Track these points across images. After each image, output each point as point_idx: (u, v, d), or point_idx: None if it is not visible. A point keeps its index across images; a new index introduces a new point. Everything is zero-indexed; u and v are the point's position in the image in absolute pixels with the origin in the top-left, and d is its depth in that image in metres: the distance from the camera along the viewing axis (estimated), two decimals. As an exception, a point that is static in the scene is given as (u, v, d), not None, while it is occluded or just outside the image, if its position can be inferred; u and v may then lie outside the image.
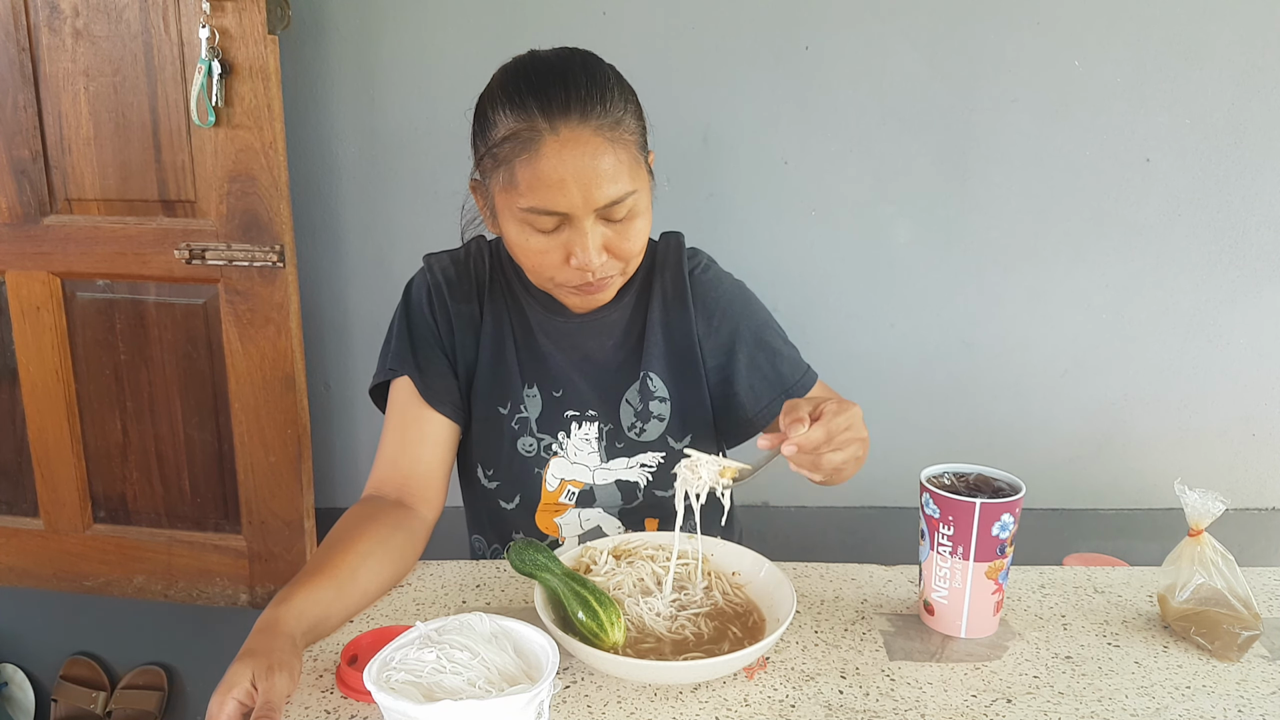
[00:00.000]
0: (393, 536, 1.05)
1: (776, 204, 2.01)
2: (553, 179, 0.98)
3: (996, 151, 1.97)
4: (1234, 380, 2.08)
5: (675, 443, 1.19)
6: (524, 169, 0.99)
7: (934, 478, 0.99)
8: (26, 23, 1.82)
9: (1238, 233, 1.99)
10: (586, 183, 0.98)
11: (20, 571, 2.15)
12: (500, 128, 1.01)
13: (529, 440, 1.17)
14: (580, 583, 0.92)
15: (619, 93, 1.03)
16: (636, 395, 1.17)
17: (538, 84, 1.00)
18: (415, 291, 1.20)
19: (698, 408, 1.19)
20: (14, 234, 1.93)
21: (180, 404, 2.00)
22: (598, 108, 0.99)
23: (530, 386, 1.18)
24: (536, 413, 1.18)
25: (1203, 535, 0.97)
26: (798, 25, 1.92)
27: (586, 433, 1.18)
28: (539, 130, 0.98)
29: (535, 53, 1.07)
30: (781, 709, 0.85)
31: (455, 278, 1.19)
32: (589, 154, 0.98)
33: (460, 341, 1.17)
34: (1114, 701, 0.87)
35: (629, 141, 1.02)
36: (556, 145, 0.98)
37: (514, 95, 1.00)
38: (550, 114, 0.98)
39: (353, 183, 2.06)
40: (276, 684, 0.78)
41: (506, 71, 1.05)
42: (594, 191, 0.99)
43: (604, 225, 1.02)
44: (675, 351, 1.18)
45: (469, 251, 1.23)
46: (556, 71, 1.01)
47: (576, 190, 0.98)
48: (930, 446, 2.07)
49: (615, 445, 1.18)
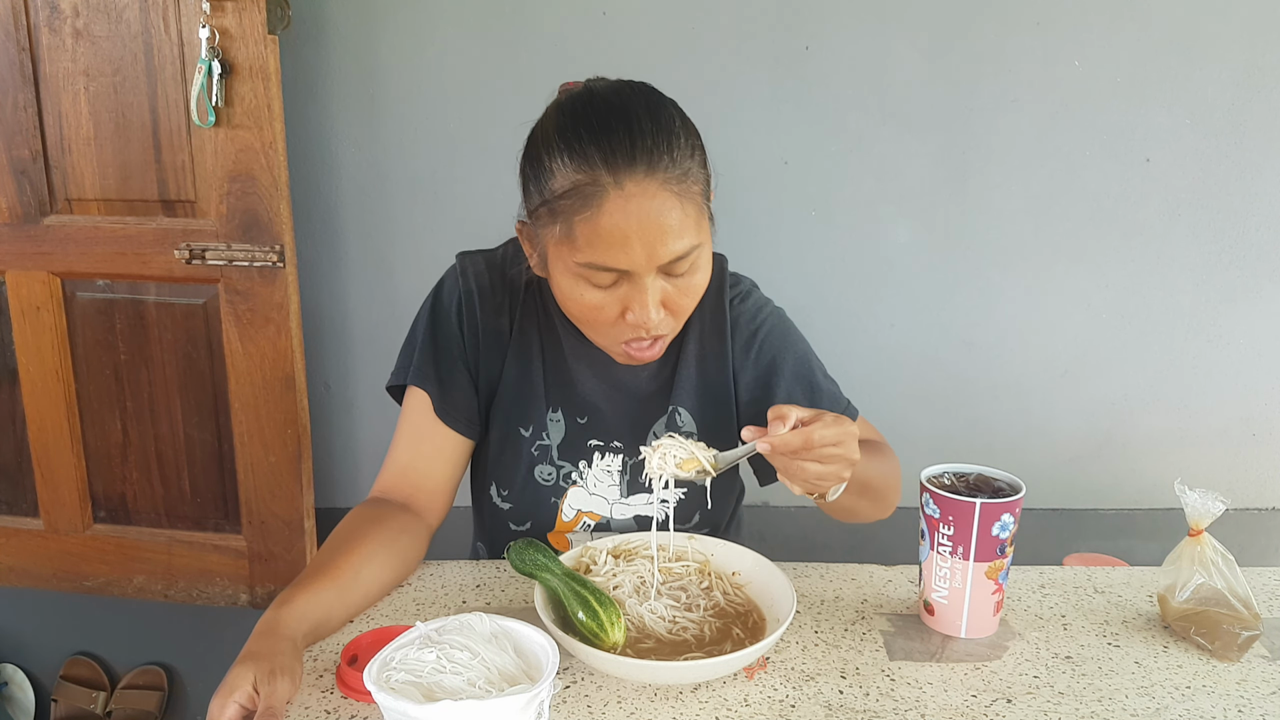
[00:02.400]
0: (398, 540, 1.04)
1: (776, 204, 2.01)
2: (615, 236, 0.91)
3: (996, 151, 1.97)
4: (1234, 380, 2.08)
5: None
6: (584, 225, 0.92)
7: (934, 478, 0.99)
8: (26, 23, 1.82)
9: (1238, 233, 1.99)
10: (651, 239, 0.92)
11: (20, 571, 2.15)
12: (558, 178, 0.93)
13: (548, 469, 1.13)
14: (580, 583, 0.92)
15: (685, 138, 0.95)
16: (663, 429, 1.13)
17: (600, 130, 0.92)
18: (446, 297, 1.14)
19: (726, 445, 1.13)
20: (14, 234, 1.93)
21: (180, 404, 2.00)
22: (665, 158, 0.92)
23: (555, 410, 1.13)
24: (559, 438, 1.13)
25: (1203, 535, 0.97)
26: (798, 25, 1.92)
27: (609, 464, 1.14)
28: (602, 184, 0.91)
29: (593, 89, 0.98)
30: (781, 709, 0.85)
31: (489, 286, 1.12)
32: (655, 209, 0.91)
33: (485, 357, 1.12)
34: (1114, 701, 0.87)
35: (695, 193, 0.95)
36: (621, 200, 0.90)
37: (573, 142, 0.92)
38: (614, 165, 0.90)
39: (353, 183, 2.06)
40: (279, 688, 0.78)
41: (564, 112, 0.96)
42: (658, 248, 0.92)
43: (664, 280, 0.96)
44: (708, 386, 1.13)
45: (505, 256, 1.15)
46: (619, 115, 0.93)
47: (640, 248, 0.92)
48: (930, 446, 2.07)
49: (637, 480, 1.13)
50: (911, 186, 2.00)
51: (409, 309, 2.27)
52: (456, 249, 1.19)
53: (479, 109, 1.99)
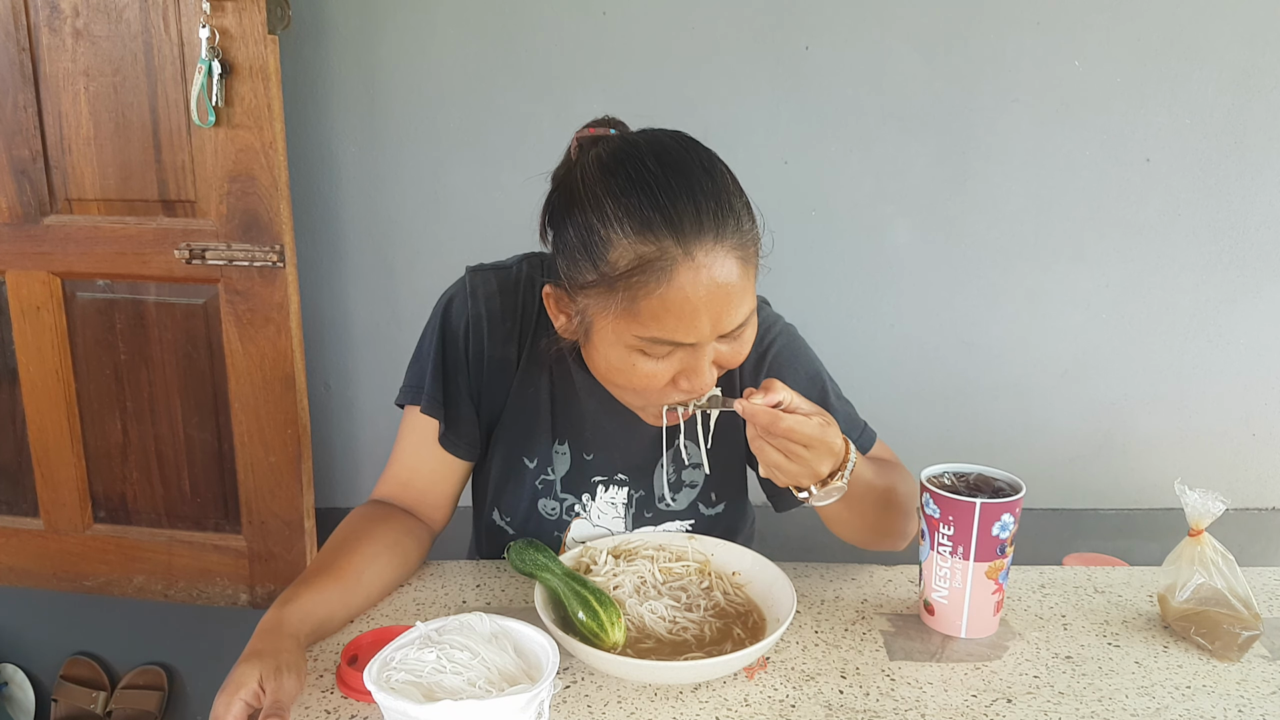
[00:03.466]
0: (401, 542, 1.04)
1: (776, 204, 2.00)
2: (685, 310, 0.85)
3: (996, 151, 1.97)
4: (1234, 380, 2.08)
5: (706, 509, 1.12)
6: (650, 300, 0.85)
7: (934, 478, 0.99)
8: (26, 23, 1.82)
9: (1238, 233, 1.99)
10: (718, 310, 0.86)
11: (20, 571, 2.15)
12: (617, 249, 0.85)
13: (552, 503, 1.11)
14: (580, 583, 0.92)
15: (740, 194, 0.90)
16: (671, 464, 1.10)
17: (661, 194, 0.85)
18: (454, 319, 1.07)
19: (735, 476, 1.13)
20: (14, 234, 1.93)
21: (180, 404, 2.00)
22: (730, 219, 0.86)
23: (561, 444, 1.10)
24: (563, 471, 1.10)
25: (1203, 535, 0.97)
26: (798, 25, 1.92)
27: (613, 496, 1.11)
28: (671, 256, 0.84)
29: (633, 143, 0.90)
30: (781, 709, 0.85)
31: (499, 312, 1.06)
32: (723, 278, 0.85)
33: (489, 384, 1.08)
34: (1114, 701, 0.87)
35: (755, 255, 0.90)
36: (691, 272, 0.84)
37: (633, 208, 0.85)
38: (682, 234, 0.84)
39: (353, 183, 2.06)
40: (285, 685, 0.78)
41: (610, 172, 0.88)
42: (724, 319, 0.87)
43: (719, 342, 0.91)
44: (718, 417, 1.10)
45: (519, 277, 1.08)
46: (678, 176, 0.86)
47: (707, 320, 0.86)
48: (930, 446, 2.07)
49: (644, 515, 1.12)
50: (911, 186, 2.00)
51: (409, 309, 2.27)
52: (456, 248, 1.16)
53: (479, 109, 1.99)
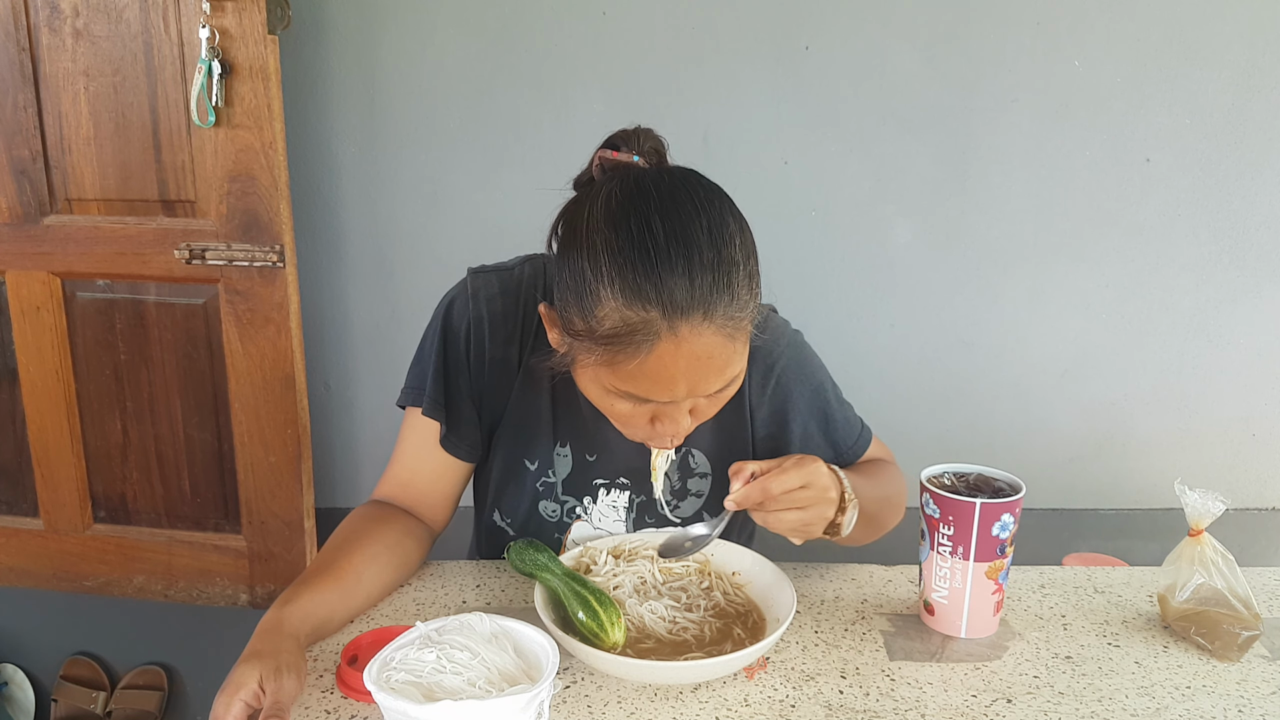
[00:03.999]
0: (401, 543, 1.04)
1: (776, 204, 2.01)
2: (661, 377, 0.86)
3: (996, 151, 1.97)
4: (1234, 380, 2.08)
5: (710, 519, 1.11)
6: (628, 363, 0.85)
7: (934, 478, 0.99)
8: (26, 23, 1.82)
9: (1238, 233, 1.99)
10: (695, 379, 0.87)
11: (20, 571, 2.15)
12: (605, 308, 0.84)
13: (553, 505, 1.11)
14: (580, 583, 0.92)
15: (744, 265, 0.87)
16: (676, 471, 1.10)
17: (658, 266, 0.82)
18: (455, 320, 1.07)
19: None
20: (14, 234, 1.93)
21: (180, 404, 2.00)
22: (724, 298, 0.84)
23: (563, 446, 1.10)
24: (565, 473, 1.10)
25: (1203, 535, 0.97)
26: (798, 25, 1.92)
27: (614, 500, 1.11)
28: (654, 329, 0.83)
29: (645, 192, 0.87)
30: (781, 709, 0.85)
31: (500, 314, 1.06)
32: (705, 352, 0.85)
33: (490, 388, 1.08)
34: (1114, 701, 0.87)
35: (747, 329, 0.89)
36: (673, 345, 0.84)
37: (627, 274, 0.83)
38: (670, 311, 0.82)
39: (353, 183, 2.06)
40: (285, 685, 0.78)
41: (615, 226, 0.85)
42: (701, 386, 0.88)
43: (699, 397, 0.91)
44: (724, 427, 1.09)
45: (520, 279, 1.08)
46: (680, 246, 0.83)
47: (684, 386, 0.87)
48: (930, 446, 2.07)
49: (645, 519, 1.12)
50: (911, 186, 2.00)
51: (409, 309, 2.27)
52: (457, 248, 1.15)
53: (479, 109, 1.98)
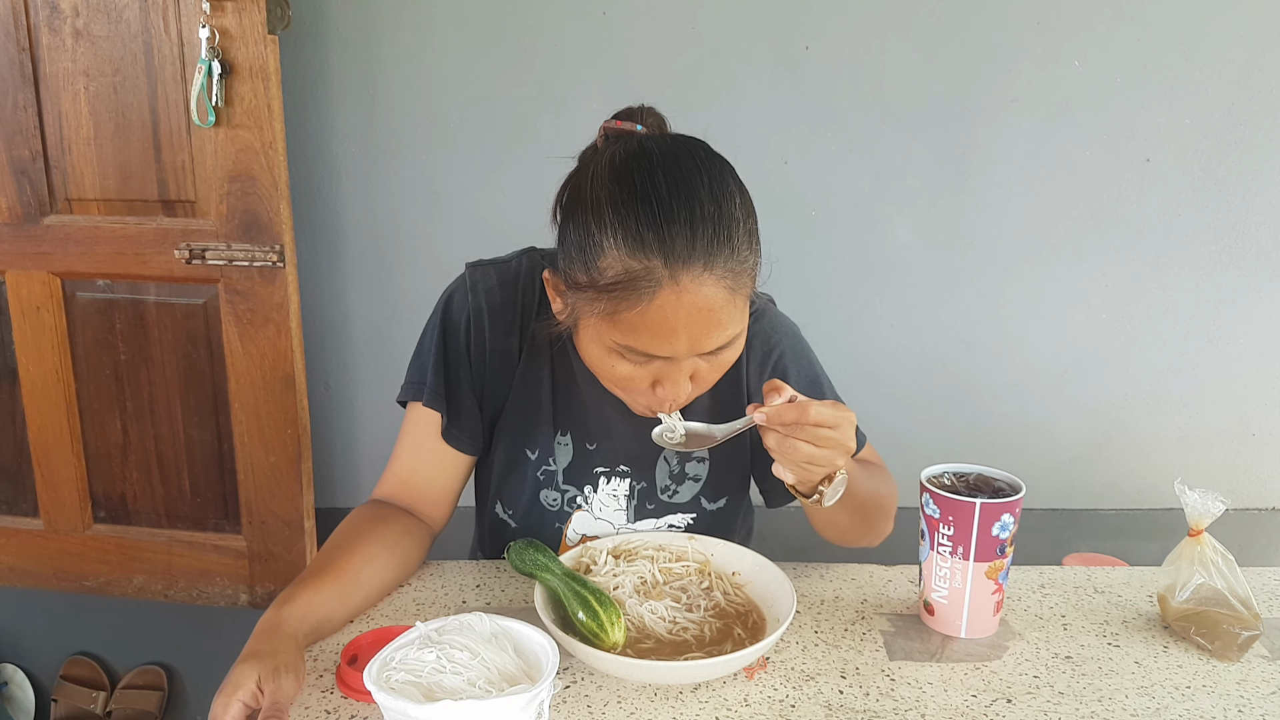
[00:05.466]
0: (400, 542, 1.04)
1: (776, 204, 2.01)
2: (662, 328, 0.87)
3: (996, 151, 1.97)
4: (1234, 380, 2.08)
5: (709, 504, 1.13)
6: (630, 313, 0.87)
7: (934, 478, 0.98)
8: (26, 23, 1.82)
9: (1238, 233, 1.99)
10: (697, 332, 0.88)
11: (20, 571, 2.15)
12: (608, 259, 0.86)
13: (553, 494, 1.12)
14: (580, 583, 0.92)
15: (744, 221, 0.90)
16: (674, 455, 1.11)
17: (660, 216, 0.85)
18: (455, 313, 1.08)
19: (737, 470, 1.14)
20: (14, 234, 1.93)
21: (180, 404, 2.00)
22: (725, 249, 0.86)
23: (564, 434, 1.11)
24: (565, 462, 1.11)
25: (1203, 535, 0.97)
26: (798, 25, 1.92)
27: (615, 488, 1.12)
28: (656, 277, 0.85)
29: (649, 152, 0.90)
30: (781, 709, 0.85)
31: (499, 304, 1.07)
32: (706, 304, 0.86)
33: (492, 379, 1.09)
34: (1114, 701, 0.87)
35: (747, 281, 0.90)
36: (674, 295, 0.85)
37: (630, 224, 0.85)
38: (671, 258, 0.85)
39: (353, 183, 2.06)
40: (284, 686, 0.78)
41: (619, 181, 0.88)
42: (702, 340, 0.89)
43: (699, 358, 0.92)
44: (721, 409, 1.10)
45: (519, 271, 1.09)
46: (682, 198, 0.86)
47: (685, 340, 0.88)
48: (930, 446, 2.07)
49: (646, 506, 1.12)
50: (911, 186, 2.00)
51: (409, 309, 2.28)
52: (456, 248, 1.16)
53: (479, 109, 1.99)
